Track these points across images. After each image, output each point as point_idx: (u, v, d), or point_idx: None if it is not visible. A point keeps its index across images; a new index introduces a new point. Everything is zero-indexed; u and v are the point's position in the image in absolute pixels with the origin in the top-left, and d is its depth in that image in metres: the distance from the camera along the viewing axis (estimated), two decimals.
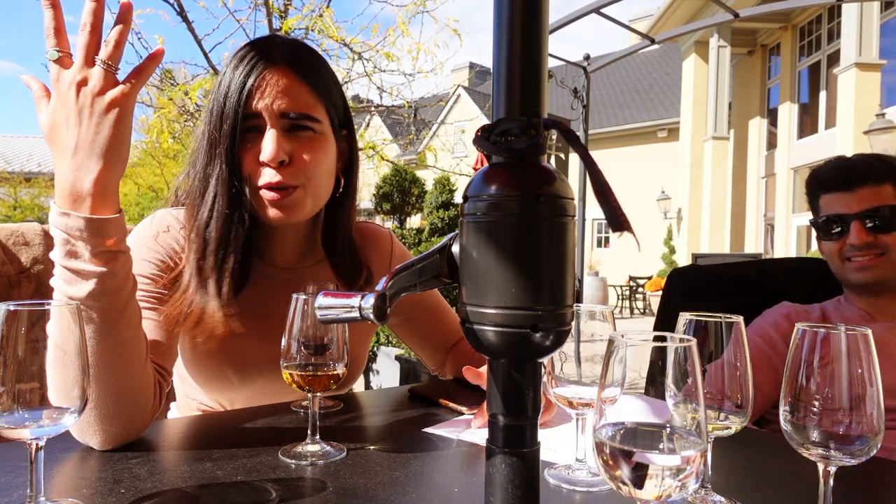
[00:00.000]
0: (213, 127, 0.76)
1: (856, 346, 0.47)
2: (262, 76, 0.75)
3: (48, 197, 12.98)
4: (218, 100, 0.76)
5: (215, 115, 0.76)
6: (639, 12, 16.82)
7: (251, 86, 0.75)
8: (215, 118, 0.76)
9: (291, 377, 0.65)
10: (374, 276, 0.93)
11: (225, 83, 0.77)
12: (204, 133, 0.78)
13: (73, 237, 0.58)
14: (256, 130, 0.76)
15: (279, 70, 0.76)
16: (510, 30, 0.35)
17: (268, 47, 0.78)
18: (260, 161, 0.76)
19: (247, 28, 3.33)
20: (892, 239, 1.01)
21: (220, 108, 0.76)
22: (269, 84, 0.75)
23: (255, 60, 0.76)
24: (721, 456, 0.64)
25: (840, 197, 1.04)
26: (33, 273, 0.99)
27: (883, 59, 7.46)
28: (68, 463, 0.62)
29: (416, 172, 5.76)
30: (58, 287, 0.60)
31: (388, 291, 0.39)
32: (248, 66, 0.76)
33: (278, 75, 0.76)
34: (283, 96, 0.75)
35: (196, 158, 0.80)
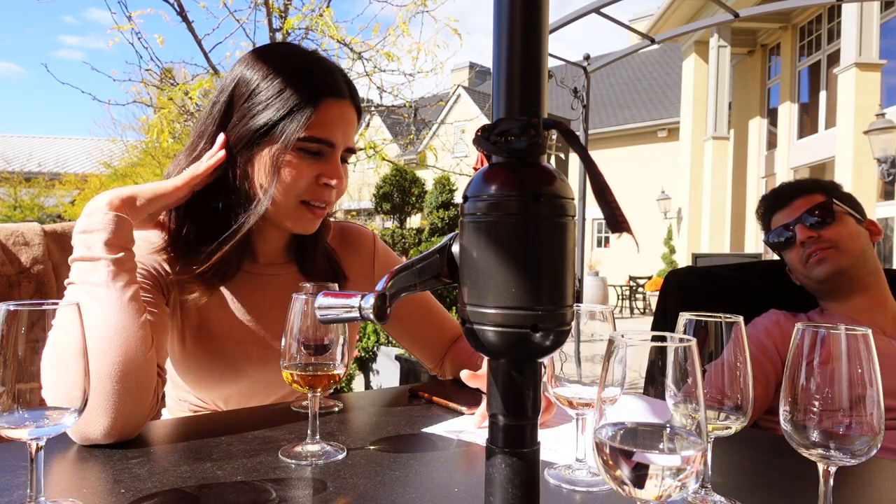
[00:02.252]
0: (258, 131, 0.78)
1: (856, 346, 0.47)
2: (337, 106, 0.81)
3: (48, 196, 12.97)
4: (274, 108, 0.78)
5: (270, 120, 0.78)
6: (639, 12, 16.82)
7: (325, 111, 0.79)
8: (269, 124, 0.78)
9: (291, 377, 0.65)
10: (352, 278, 0.96)
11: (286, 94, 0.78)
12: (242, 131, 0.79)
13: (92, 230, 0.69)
14: (315, 153, 0.81)
15: (347, 105, 0.83)
16: (510, 30, 0.35)
17: (333, 75, 0.82)
18: (320, 182, 0.82)
19: (247, 28, 3.33)
20: (832, 233, 1.11)
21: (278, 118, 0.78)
22: (344, 118, 0.82)
23: (326, 87, 0.80)
24: (721, 456, 0.64)
25: (782, 212, 1.19)
26: (33, 273, 0.99)
27: (883, 59, 7.46)
28: (68, 463, 0.62)
29: (417, 172, 5.76)
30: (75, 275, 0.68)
31: (388, 291, 0.39)
32: (319, 91, 0.79)
33: (348, 110, 0.83)
34: (350, 131, 0.84)
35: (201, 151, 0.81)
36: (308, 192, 0.81)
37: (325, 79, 0.80)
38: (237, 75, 0.81)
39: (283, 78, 0.79)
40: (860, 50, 7.35)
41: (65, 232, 1.08)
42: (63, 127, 79.81)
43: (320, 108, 0.79)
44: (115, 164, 11.81)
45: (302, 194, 0.81)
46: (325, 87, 0.80)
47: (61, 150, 16.43)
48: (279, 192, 0.80)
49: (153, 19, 3.29)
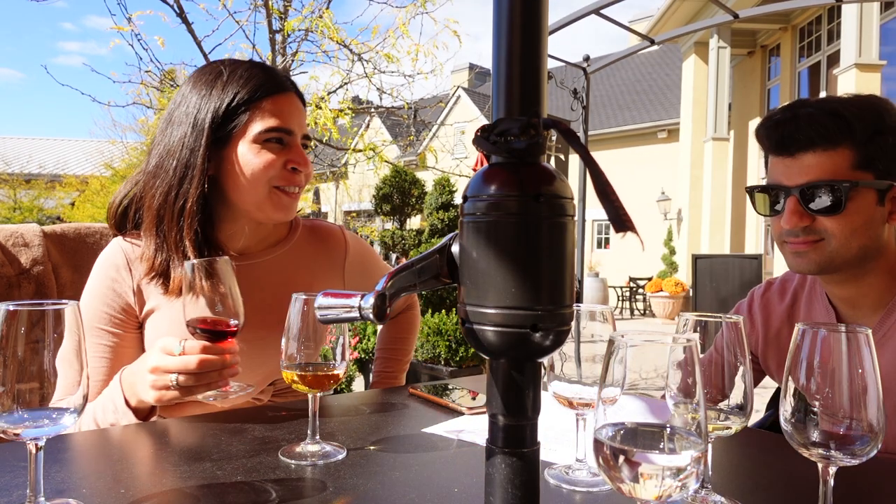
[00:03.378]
0: (213, 126, 0.86)
1: (856, 346, 0.47)
2: (286, 98, 0.90)
3: (48, 198, 12.98)
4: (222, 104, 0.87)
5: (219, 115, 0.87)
6: (638, 13, 16.85)
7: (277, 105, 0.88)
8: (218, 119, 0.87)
9: (291, 377, 0.65)
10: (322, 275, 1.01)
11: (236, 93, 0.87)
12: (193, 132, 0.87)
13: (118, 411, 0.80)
14: (278, 142, 0.89)
15: (293, 97, 0.92)
16: (510, 30, 0.35)
17: (273, 74, 0.92)
18: (288, 167, 0.89)
19: (246, 29, 3.33)
20: (833, 223, 0.79)
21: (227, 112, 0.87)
22: (293, 107, 0.91)
23: (272, 85, 0.89)
24: (721, 456, 0.64)
25: (781, 162, 0.83)
26: (33, 274, 0.99)
27: (882, 60, 7.46)
28: (68, 463, 0.62)
29: (416, 174, 5.76)
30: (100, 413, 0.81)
31: (388, 291, 0.39)
32: (265, 86, 0.88)
33: (295, 101, 0.92)
34: (302, 120, 0.93)
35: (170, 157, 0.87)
36: (279, 178, 0.89)
37: (269, 78, 0.90)
38: (184, 97, 0.89)
39: (232, 86, 0.88)
40: (860, 51, 7.35)
41: (64, 233, 1.08)
42: (63, 129, 79.99)
43: (273, 103, 0.88)
44: (116, 166, 11.82)
45: (273, 180, 0.89)
46: (271, 84, 0.89)
47: (61, 152, 16.45)
48: (253, 182, 0.87)
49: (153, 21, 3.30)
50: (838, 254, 0.81)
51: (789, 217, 0.81)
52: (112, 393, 0.81)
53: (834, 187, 0.78)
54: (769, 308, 0.99)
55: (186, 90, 0.89)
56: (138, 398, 0.78)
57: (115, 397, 0.80)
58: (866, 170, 0.79)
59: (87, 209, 11.97)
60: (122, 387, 0.80)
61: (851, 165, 0.79)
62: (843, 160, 0.79)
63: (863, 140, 0.78)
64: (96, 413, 0.81)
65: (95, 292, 0.88)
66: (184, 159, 0.86)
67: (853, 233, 0.80)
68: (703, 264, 5.60)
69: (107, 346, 0.86)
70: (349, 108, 4.09)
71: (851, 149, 0.79)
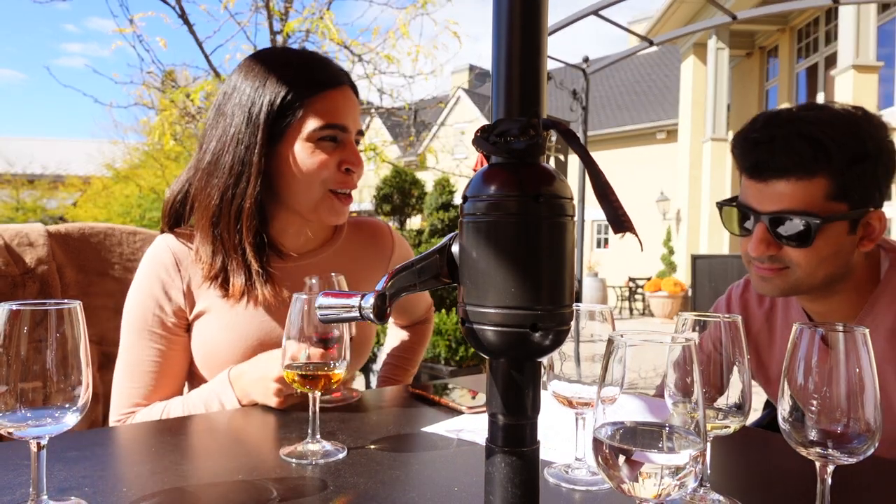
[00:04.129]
0: (268, 121, 0.82)
1: (854, 345, 0.47)
2: (341, 93, 0.86)
3: (50, 199, 12.98)
4: (277, 98, 0.83)
5: (273, 109, 0.83)
6: (637, 14, 16.86)
7: (332, 100, 0.85)
8: (273, 113, 0.83)
9: (292, 377, 0.65)
10: (368, 272, 0.99)
11: (290, 86, 0.83)
12: (248, 127, 0.83)
13: None
14: (332, 140, 0.86)
15: (347, 90, 0.88)
16: (510, 31, 0.35)
17: (328, 66, 0.88)
18: (342, 168, 0.86)
19: (247, 31, 3.34)
20: (800, 254, 0.77)
21: (282, 106, 0.83)
22: (348, 101, 0.87)
23: (327, 79, 0.86)
24: (720, 455, 0.65)
25: (753, 185, 0.80)
26: (38, 273, 0.99)
27: (880, 62, 7.47)
28: (70, 462, 0.62)
29: (417, 174, 5.76)
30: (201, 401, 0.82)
31: (388, 291, 0.39)
32: (320, 80, 0.85)
33: (350, 94, 0.89)
34: (356, 114, 0.89)
35: (224, 153, 0.84)
36: (333, 181, 0.86)
37: (324, 71, 0.86)
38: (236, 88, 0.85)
39: (286, 79, 0.83)
40: (857, 52, 7.36)
41: (69, 233, 1.09)
42: (65, 129, 79.96)
43: (328, 98, 0.85)
44: (118, 166, 11.82)
45: (328, 182, 0.86)
46: (327, 78, 0.86)
47: (63, 153, 16.45)
48: (307, 184, 0.85)
49: (155, 22, 3.31)
50: (803, 282, 0.80)
51: (756, 244, 0.79)
52: (219, 391, 0.81)
53: (804, 220, 0.75)
54: (748, 309, 0.99)
55: (238, 80, 0.85)
56: (249, 399, 0.80)
57: (225, 398, 0.80)
58: (841, 200, 0.76)
59: (89, 209, 11.97)
60: (233, 387, 0.81)
61: (826, 196, 0.76)
62: (818, 190, 0.76)
63: (840, 169, 0.75)
64: (194, 407, 0.81)
65: (145, 294, 0.85)
66: (239, 156, 0.82)
67: (819, 264, 0.78)
68: (701, 264, 5.60)
69: (158, 350, 0.84)
70: None
71: (827, 178, 0.75)
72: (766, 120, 0.81)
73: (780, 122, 0.78)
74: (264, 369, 0.78)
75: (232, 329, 0.86)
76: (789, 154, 0.76)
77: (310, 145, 0.84)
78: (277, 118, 0.82)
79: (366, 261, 0.99)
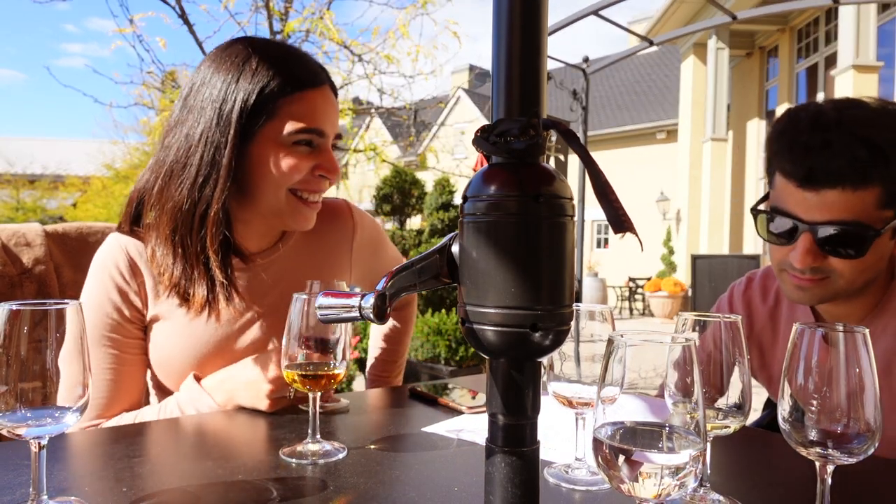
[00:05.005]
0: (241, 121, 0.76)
1: (854, 345, 0.47)
2: (318, 95, 0.80)
3: (50, 199, 12.99)
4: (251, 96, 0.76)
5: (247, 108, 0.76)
6: (638, 14, 16.86)
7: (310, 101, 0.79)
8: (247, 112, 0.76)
9: (292, 377, 0.65)
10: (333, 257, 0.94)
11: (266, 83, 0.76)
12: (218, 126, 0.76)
13: None
14: (306, 144, 0.80)
15: (327, 91, 0.82)
16: (510, 31, 0.35)
17: (306, 63, 0.81)
18: (315, 174, 0.81)
19: (248, 31, 3.34)
20: (845, 265, 0.74)
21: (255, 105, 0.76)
22: (327, 104, 0.82)
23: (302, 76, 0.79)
24: (720, 455, 0.65)
25: (800, 193, 0.74)
26: (35, 273, 0.99)
27: (880, 62, 7.47)
28: (70, 462, 0.62)
29: (417, 174, 5.77)
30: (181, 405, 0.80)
31: (388, 291, 0.39)
32: (298, 78, 0.78)
33: (329, 95, 0.82)
34: (335, 117, 0.83)
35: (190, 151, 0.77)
36: (301, 184, 0.81)
37: (303, 68, 0.80)
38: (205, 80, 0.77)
39: (262, 74, 0.77)
40: (857, 52, 7.36)
41: (66, 233, 1.08)
42: (65, 129, 79.94)
43: (306, 99, 0.79)
44: (118, 166, 11.82)
45: (295, 185, 0.80)
46: (305, 76, 0.79)
47: (64, 153, 16.46)
48: (273, 186, 0.79)
49: (155, 23, 3.31)
50: (843, 291, 0.77)
51: (803, 257, 0.74)
52: (196, 399, 0.78)
53: (857, 234, 0.70)
54: (751, 306, 0.97)
55: (209, 73, 0.77)
56: (234, 404, 0.79)
57: (203, 405, 0.78)
58: (890, 207, 0.72)
59: (89, 209, 11.97)
60: (210, 395, 0.79)
61: (877, 205, 0.71)
62: (871, 199, 0.70)
63: (894, 175, 0.70)
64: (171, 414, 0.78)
65: (98, 298, 0.80)
66: (208, 157, 0.75)
67: (862, 273, 0.75)
68: (701, 264, 5.61)
69: (115, 356, 0.79)
70: (350, 109, 4.10)
71: (881, 186, 0.70)
72: (812, 122, 0.74)
73: (829, 125, 0.72)
74: (256, 372, 0.77)
75: (188, 336, 0.82)
76: (848, 161, 0.70)
77: (283, 148, 0.78)
78: (251, 117, 0.76)
79: (327, 248, 0.93)
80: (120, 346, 0.81)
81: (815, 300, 0.80)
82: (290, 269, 0.90)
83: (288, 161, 0.78)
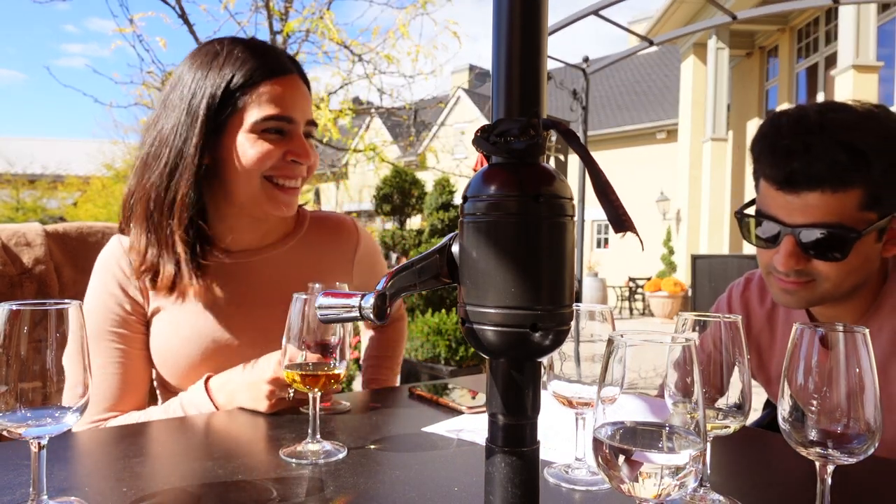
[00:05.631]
0: (208, 113, 0.80)
1: (853, 345, 0.47)
2: (287, 82, 0.83)
3: (50, 199, 13.00)
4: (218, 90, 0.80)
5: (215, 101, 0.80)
6: (638, 14, 16.87)
7: (277, 89, 0.82)
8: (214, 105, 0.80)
9: (292, 377, 0.65)
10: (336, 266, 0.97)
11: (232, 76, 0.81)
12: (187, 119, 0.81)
13: None
14: (276, 132, 0.83)
15: (295, 79, 0.85)
16: (510, 31, 0.35)
17: (273, 55, 0.85)
18: (287, 159, 0.83)
19: (247, 31, 3.34)
20: (829, 268, 0.74)
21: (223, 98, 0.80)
22: (295, 91, 0.84)
23: (271, 67, 0.83)
24: (720, 455, 0.65)
25: (782, 196, 0.75)
26: (35, 273, 0.99)
27: (880, 62, 7.47)
28: (70, 462, 0.62)
29: (417, 174, 5.77)
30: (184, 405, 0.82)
31: (388, 291, 0.39)
32: (263, 69, 0.82)
33: (297, 84, 0.85)
34: (305, 105, 0.86)
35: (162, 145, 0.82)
36: (274, 170, 0.83)
37: (268, 59, 0.83)
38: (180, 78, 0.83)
39: (228, 68, 0.81)
40: (857, 52, 7.36)
41: (66, 233, 1.09)
42: (65, 129, 79.98)
43: (272, 87, 0.82)
44: (118, 166, 11.83)
45: (268, 172, 0.83)
46: (271, 66, 0.83)
47: (64, 153, 16.47)
48: (246, 175, 0.82)
49: (155, 23, 3.31)
50: (829, 294, 0.77)
51: (785, 259, 0.75)
52: (197, 401, 0.80)
53: (839, 233, 0.71)
54: (749, 307, 0.98)
55: (182, 71, 0.83)
56: (234, 405, 0.80)
57: (203, 407, 0.80)
58: (872, 209, 0.72)
59: (89, 209, 11.98)
60: (212, 398, 0.80)
61: (859, 206, 0.71)
62: (852, 201, 0.71)
63: (876, 179, 0.70)
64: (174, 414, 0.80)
65: (102, 294, 0.84)
66: (176, 148, 0.80)
67: (848, 275, 0.75)
68: (701, 264, 5.61)
69: (121, 350, 0.83)
70: (349, 109, 4.10)
71: (863, 188, 0.71)
72: (794, 126, 0.74)
73: (811, 129, 0.73)
74: (256, 373, 0.78)
75: (183, 326, 0.85)
76: (828, 164, 0.70)
77: (252, 136, 0.81)
78: (219, 109, 0.80)
79: (328, 255, 0.96)
80: (126, 341, 0.84)
81: (802, 304, 0.80)
82: (291, 268, 0.92)
83: (258, 148, 0.82)
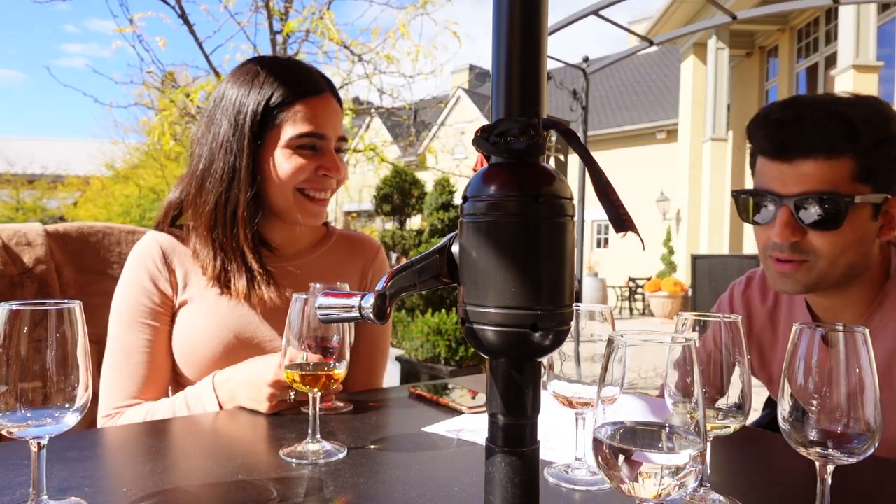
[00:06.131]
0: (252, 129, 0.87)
1: (854, 345, 0.47)
2: (320, 101, 0.90)
3: (50, 198, 13.01)
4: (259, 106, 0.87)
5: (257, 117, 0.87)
6: (638, 14, 16.87)
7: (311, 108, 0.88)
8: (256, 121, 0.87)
9: (292, 377, 0.65)
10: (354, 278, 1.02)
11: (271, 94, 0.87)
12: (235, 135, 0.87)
13: None
14: (310, 148, 0.89)
15: (329, 98, 0.92)
16: (510, 31, 0.35)
17: (310, 75, 0.91)
18: (318, 173, 0.90)
19: (247, 31, 3.35)
20: (824, 240, 0.75)
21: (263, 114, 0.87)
22: (328, 110, 0.91)
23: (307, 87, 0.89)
24: (720, 455, 0.65)
25: (776, 167, 0.77)
26: (36, 273, 0.99)
27: (880, 62, 7.47)
28: (70, 462, 0.62)
29: (417, 174, 5.77)
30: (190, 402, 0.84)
31: (388, 291, 0.39)
32: (299, 88, 0.88)
33: (331, 102, 0.92)
34: (337, 122, 0.93)
35: (215, 160, 0.88)
36: (306, 182, 0.89)
37: (304, 79, 0.90)
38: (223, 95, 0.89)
39: (267, 87, 0.88)
40: (857, 52, 7.36)
41: (67, 233, 1.09)
42: (65, 129, 80.00)
43: (307, 106, 0.88)
44: (118, 166, 11.84)
45: (300, 184, 0.89)
46: (305, 86, 0.89)
47: (64, 153, 16.47)
48: (281, 187, 0.89)
49: (154, 23, 3.32)
50: (825, 275, 0.78)
51: (781, 230, 0.76)
52: (203, 396, 0.83)
53: (833, 200, 0.73)
54: (750, 306, 0.98)
55: (226, 87, 0.90)
56: (235, 404, 0.82)
57: (207, 403, 0.82)
58: (865, 182, 0.75)
59: (89, 209, 11.99)
60: (216, 393, 0.82)
61: (851, 177, 0.74)
62: (844, 170, 0.74)
63: (867, 149, 0.73)
64: (179, 410, 0.83)
65: (133, 286, 0.89)
66: (229, 164, 0.87)
67: (843, 251, 0.76)
68: (701, 264, 5.61)
69: (148, 340, 0.87)
70: (350, 109, 4.10)
71: (853, 159, 0.73)
72: (787, 102, 0.78)
73: (803, 103, 0.76)
74: (257, 373, 0.79)
75: (211, 318, 0.88)
76: (818, 131, 0.73)
77: (288, 151, 0.87)
78: (260, 125, 0.87)
79: (348, 267, 1.02)
80: (153, 333, 0.88)
81: (798, 287, 0.80)
82: (314, 275, 0.98)
83: (293, 162, 0.88)
